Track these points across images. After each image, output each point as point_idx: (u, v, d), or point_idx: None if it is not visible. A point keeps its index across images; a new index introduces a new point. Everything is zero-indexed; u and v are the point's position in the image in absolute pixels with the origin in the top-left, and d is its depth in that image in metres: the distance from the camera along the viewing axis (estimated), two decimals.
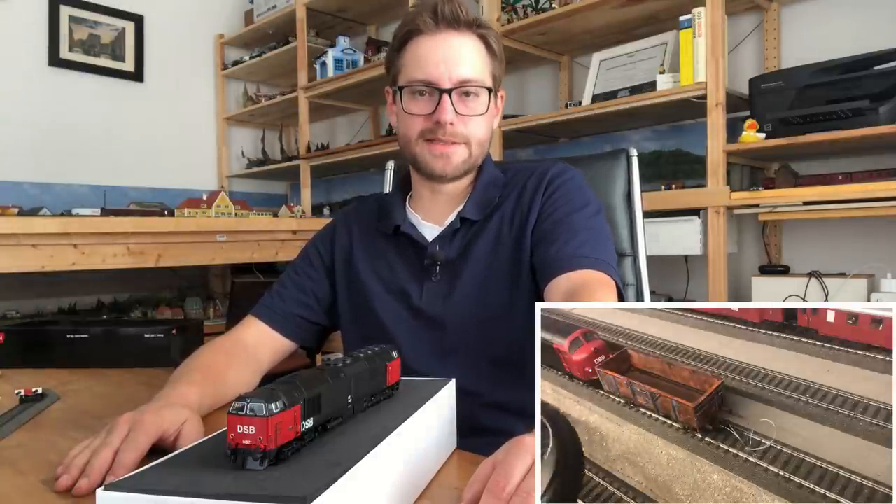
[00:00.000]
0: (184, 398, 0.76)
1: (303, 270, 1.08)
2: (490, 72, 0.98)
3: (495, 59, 0.99)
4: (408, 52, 0.96)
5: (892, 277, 1.81)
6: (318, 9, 3.33)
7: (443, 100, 0.93)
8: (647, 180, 1.36)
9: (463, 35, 0.95)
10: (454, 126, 0.94)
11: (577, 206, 0.96)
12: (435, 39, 0.94)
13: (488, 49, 0.97)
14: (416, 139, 0.97)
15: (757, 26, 2.27)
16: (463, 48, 0.94)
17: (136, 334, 1.31)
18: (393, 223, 1.02)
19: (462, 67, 0.93)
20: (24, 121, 3.10)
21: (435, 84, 0.93)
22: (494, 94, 1.00)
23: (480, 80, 0.95)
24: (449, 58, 0.93)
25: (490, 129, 1.01)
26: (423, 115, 0.95)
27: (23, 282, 2.81)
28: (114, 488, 0.45)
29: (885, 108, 1.73)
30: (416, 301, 0.98)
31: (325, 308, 1.07)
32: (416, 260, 1.00)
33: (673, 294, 2.35)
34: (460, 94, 0.94)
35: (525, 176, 1.03)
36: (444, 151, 0.95)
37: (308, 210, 3.34)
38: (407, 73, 0.96)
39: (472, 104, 0.95)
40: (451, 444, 0.70)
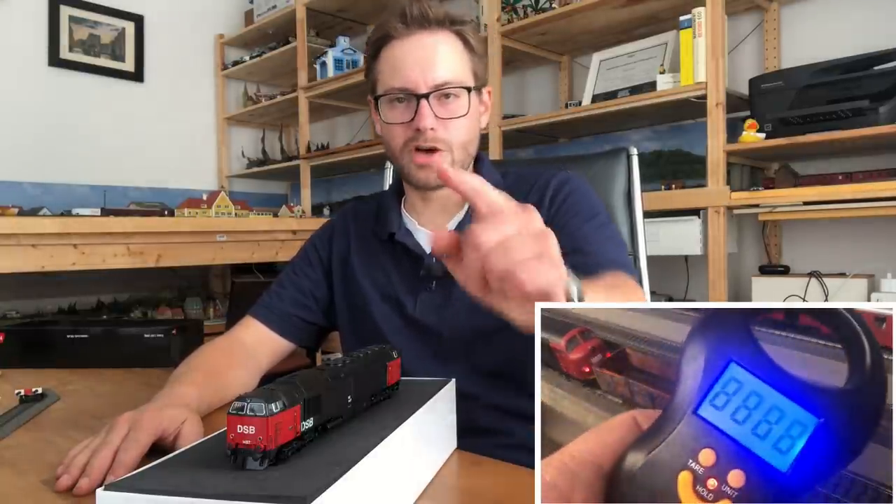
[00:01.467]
0: (183, 398, 0.76)
1: (301, 270, 1.07)
2: (470, 69, 0.94)
3: (475, 55, 0.94)
4: (382, 60, 0.93)
5: (892, 277, 1.81)
6: (318, 9, 3.33)
7: (421, 106, 0.89)
8: (647, 180, 1.36)
9: (436, 34, 0.91)
10: (435, 132, 0.90)
11: (587, 216, 0.93)
12: (407, 43, 0.91)
13: (466, 45, 0.93)
14: (401, 149, 0.94)
15: (757, 26, 2.27)
16: (437, 49, 0.90)
17: (136, 334, 1.31)
18: (388, 230, 1.00)
19: (438, 70, 0.89)
20: (24, 121, 3.10)
21: (411, 90, 0.90)
22: (478, 91, 0.96)
23: (459, 80, 0.91)
24: (423, 60, 0.89)
25: (475, 130, 0.97)
26: (403, 124, 0.92)
27: (23, 282, 2.81)
28: (114, 488, 0.45)
29: (885, 108, 1.73)
30: (411, 310, 0.96)
31: (324, 308, 1.06)
32: (412, 269, 0.98)
33: (673, 294, 2.35)
34: (439, 97, 0.90)
35: (526, 186, 0.99)
36: (426, 163, 0.92)
37: (308, 210, 3.34)
38: (383, 81, 0.93)
39: (453, 106, 0.91)
40: (451, 444, 0.71)
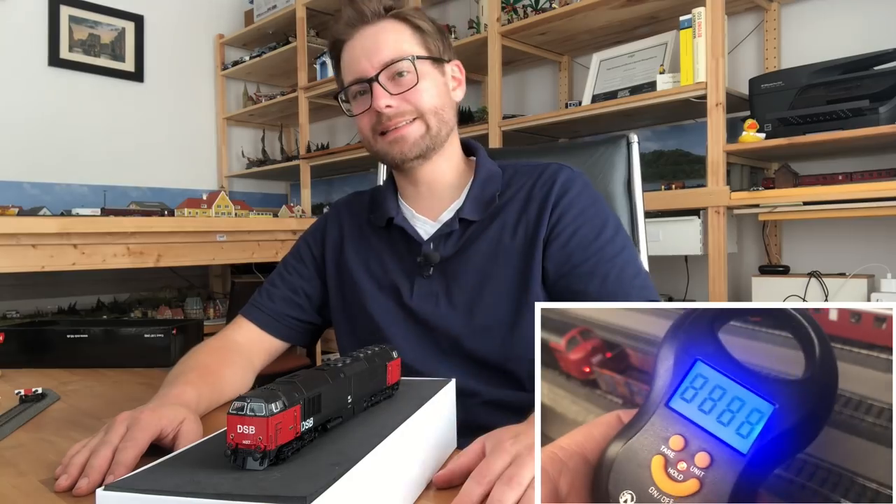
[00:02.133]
0: (181, 398, 0.76)
1: (293, 268, 1.07)
2: (420, 45, 0.95)
3: (424, 33, 0.97)
4: (341, 64, 0.98)
5: (893, 277, 1.81)
6: (318, 9, 3.33)
7: (373, 88, 0.92)
8: (647, 180, 1.34)
9: (376, 24, 0.95)
10: (394, 108, 0.92)
11: (597, 225, 0.93)
12: (354, 40, 0.95)
13: (412, 26, 0.96)
14: (371, 138, 0.97)
15: (757, 26, 2.27)
16: (379, 35, 0.94)
17: (136, 334, 1.31)
18: (386, 215, 1.00)
19: (382, 51, 0.93)
20: (24, 121, 3.10)
21: (362, 77, 0.93)
22: (437, 62, 0.97)
23: (405, 55, 0.93)
24: (367, 48, 0.93)
25: (444, 97, 0.97)
26: (366, 112, 0.95)
27: (23, 282, 2.81)
28: (114, 488, 0.45)
29: (885, 108, 1.73)
30: (407, 299, 0.96)
31: (317, 306, 1.06)
32: (409, 255, 0.98)
33: (673, 294, 2.35)
34: (390, 76, 0.93)
35: (529, 178, 0.98)
36: (396, 136, 0.94)
37: (308, 210, 3.34)
38: (344, 80, 0.98)
39: (406, 80, 0.93)
40: (451, 444, 0.70)
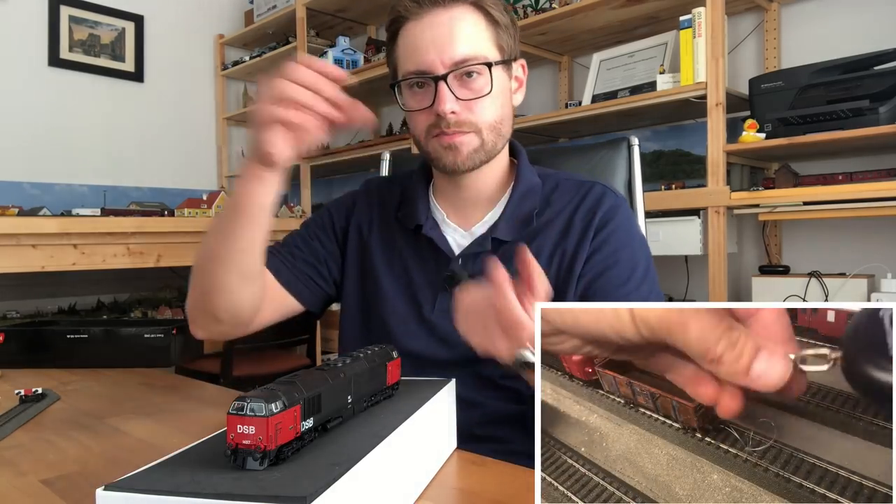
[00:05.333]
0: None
1: (316, 235, 0.99)
2: (494, 43, 0.86)
3: (499, 28, 0.86)
4: (399, 44, 0.87)
5: (893, 277, 1.81)
6: (318, 9, 3.33)
7: (439, 89, 0.82)
8: (647, 180, 1.34)
9: (451, 10, 0.84)
10: (458, 115, 0.83)
11: (628, 268, 0.89)
12: (422, 23, 0.84)
13: (487, 17, 0.85)
14: (425, 136, 0.88)
15: (757, 26, 2.27)
16: (453, 25, 0.83)
17: (136, 334, 1.31)
18: (415, 220, 0.93)
19: (455, 47, 0.82)
20: (24, 121, 3.10)
21: (428, 72, 0.83)
22: (506, 65, 0.88)
23: (480, 56, 0.84)
24: (438, 39, 0.83)
25: (506, 108, 0.89)
26: (424, 110, 0.85)
27: (23, 282, 2.81)
28: (114, 488, 0.45)
29: (885, 108, 1.73)
30: (428, 313, 0.90)
31: (335, 280, 0.99)
32: (435, 267, 0.91)
33: (673, 294, 2.35)
34: (459, 76, 0.83)
35: (570, 201, 0.92)
36: (452, 142, 0.85)
37: (308, 210, 3.34)
38: (401, 66, 0.87)
39: (476, 85, 0.84)
40: (451, 444, 0.70)
